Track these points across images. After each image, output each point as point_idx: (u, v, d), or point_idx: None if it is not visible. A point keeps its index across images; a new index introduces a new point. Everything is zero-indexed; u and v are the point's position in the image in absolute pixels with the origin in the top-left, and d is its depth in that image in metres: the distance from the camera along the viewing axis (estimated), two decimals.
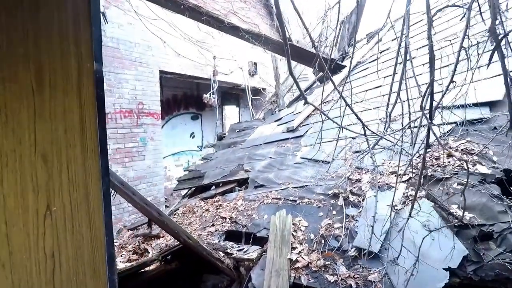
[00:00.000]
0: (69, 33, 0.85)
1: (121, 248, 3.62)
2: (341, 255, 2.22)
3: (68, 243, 0.86)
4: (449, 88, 1.16)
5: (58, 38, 0.83)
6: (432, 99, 1.21)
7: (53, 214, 0.83)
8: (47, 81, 0.81)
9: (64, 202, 0.85)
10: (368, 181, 2.63)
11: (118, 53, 5.77)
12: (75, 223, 0.87)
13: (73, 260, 0.86)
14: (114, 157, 5.66)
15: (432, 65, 1.12)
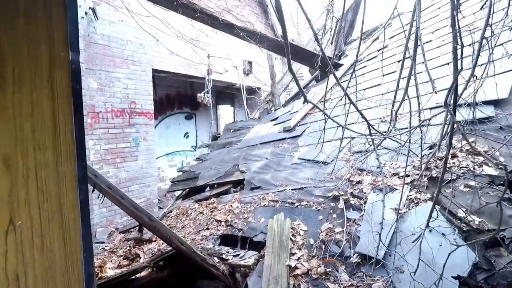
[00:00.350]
0: (37, 15, 0.72)
1: (112, 253, 3.47)
2: (343, 261, 2.11)
3: (37, 262, 0.73)
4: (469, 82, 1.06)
5: (24, 21, 0.69)
6: (457, 94, 1.11)
7: (17, 229, 0.69)
8: (9, 72, 0.68)
9: (31, 215, 0.72)
10: (370, 183, 2.52)
11: (109, 51, 5.59)
12: (45, 239, 0.74)
13: (42, 283, 0.73)
14: (105, 157, 5.48)
15: (456, 56, 1.01)
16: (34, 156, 0.71)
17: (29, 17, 0.70)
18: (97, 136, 5.33)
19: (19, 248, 0.70)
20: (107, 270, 2.71)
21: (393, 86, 3.74)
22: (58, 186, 0.76)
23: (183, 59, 7.23)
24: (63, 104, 0.76)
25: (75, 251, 0.80)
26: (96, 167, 5.27)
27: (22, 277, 0.70)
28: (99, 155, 5.34)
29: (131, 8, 5.88)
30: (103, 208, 5.35)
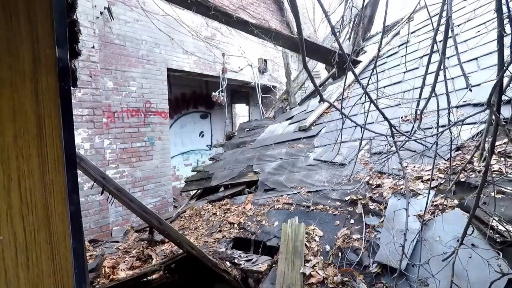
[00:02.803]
0: (19, 7, 0.65)
1: (125, 253, 3.47)
2: (361, 271, 1.98)
3: (21, 281, 0.66)
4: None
5: (2, 14, 0.63)
6: (502, 92, 0.97)
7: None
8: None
9: (14, 229, 0.65)
10: (390, 187, 2.37)
11: (124, 51, 5.63)
12: (30, 255, 0.67)
13: None
14: (121, 157, 5.54)
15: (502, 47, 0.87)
16: (17, 165, 0.65)
17: (8, 10, 0.63)
18: (113, 136, 5.38)
19: (1, 265, 0.64)
20: (119, 272, 2.69)
21: (415, 83, 3.54)
22: (45, 197, 0.69)
23: (198, 58, 7.21)
24: (50, 107, 0.69)
25: (65, 267, 0.73)
26: (112, 166, 5.33)
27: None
28: (114, 154, 5.40)
29: (146, 7, 5.91)
30: (119, 207, 5.41)
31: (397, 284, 1.56)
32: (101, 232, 4.54)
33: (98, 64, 4.98)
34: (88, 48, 4.65)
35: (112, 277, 2.57)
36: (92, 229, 4.44)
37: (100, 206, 4.46)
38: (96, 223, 4.49)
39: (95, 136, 4.56)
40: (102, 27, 5.34)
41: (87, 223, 4.36)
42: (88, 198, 4.33)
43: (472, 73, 3.07)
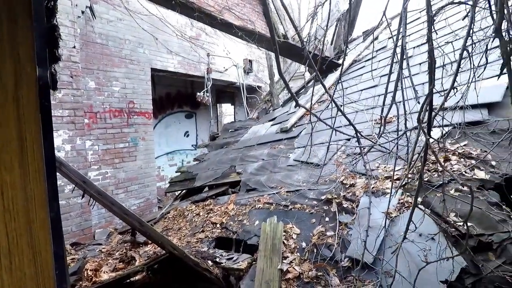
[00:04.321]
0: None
1: (108, 255, 3.49)
2: (334, 265, 2.11)
3: (5, 283, 0.73)
4: (449, 95, 1.04)
5: None
6: (432, 110, 1.09)
7: None
8: None
9: None
10: (362, 186, 2.51)
11: (107, 50, 5.59)
12: (13, 259, 0.74)
13: None
14: (103, 158, 5.50)
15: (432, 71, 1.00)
16: (0, 176, 0.71)
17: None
18: (95, 137, 5.34)
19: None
20: (102, 274, 2.72)
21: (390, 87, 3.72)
22: (27, 205, 0.76)
23: (183, 58, 7.22)
24: (31, 123, 0.75)
25: (47, 270, 0.80)
26: (94, 168, 5.30)
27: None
28: (97, 155, 5.36)
29: (130, 6, 5.86)
30: (102, 209, 5.37)
31: (359, 276, 1.69)
32: (83, 235, 4.52)
33: (79, 64, 4.93)
34: (69, 48, 4.60)
35: (94, 280, 2.60)
36: (74, 232, 4.41)
37: (82, 209, 4.43)
38: (78, 225, 4.46)
39: (76, 137, 4.52)
40: (83, 26, 5.28)
41: (69, 226, 4.33)
42: (70, 200, 4.30)
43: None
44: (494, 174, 2.20)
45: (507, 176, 2.09)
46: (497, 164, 2.26)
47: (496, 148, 2.33)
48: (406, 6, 1.18)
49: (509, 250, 1.75)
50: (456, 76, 0.99)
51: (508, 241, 1.76)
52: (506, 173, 2.16)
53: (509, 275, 1.66)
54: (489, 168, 2.27)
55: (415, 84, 3.14)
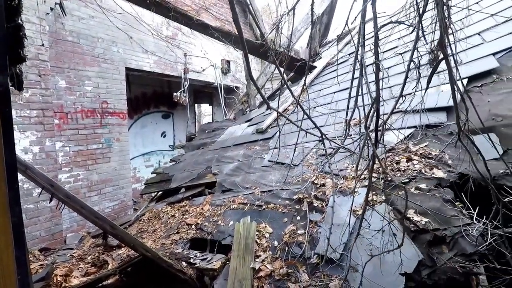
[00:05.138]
0: None
1: (80, 260, 3.41)
2: (304, 262, 2.19)
3: None
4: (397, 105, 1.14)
5: None
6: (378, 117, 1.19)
7: None
8: None
9: None
10: (332, 185, 2.62)
11: (78, 49, 5.42)
12: None
13: None
14: (75, 159, 5.33)
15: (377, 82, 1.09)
16: None
17: None
18: (66, 138, 5.17)
19: None
20: (72, 279, 2.66)
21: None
22: None
23: (159, 57, 7.12)
24: None
25: (8, 275, 0.81)
26: (65, 170, 5.12)
27: None
28: (68, 157, 5.18)
29: (103, 4, 5.71)
30: (73, 213, 5.20)
31: (323, 271, 1.79)
32: (53, 240, 4.36)
33: (48, 63, 4.75)
34: (37, 46, 4.42)
35: (64, 285, 2.54)
36: (43, 237, 4.25)
37: (52, 213, 4.28)
38: (48, 230, 4.30)
39: (45, 138, 4.36)
40: (53, 23, 5.09)
41: (38, 230, 4.17)
42: (38, 204, 4.14)
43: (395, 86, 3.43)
44: (450, 173, 2.38)
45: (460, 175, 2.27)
46: (453, 163, 2.45)
47: (452, 149, 2.52)
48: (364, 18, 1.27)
49: (460, 243, 1.90)
50: (404, 85, 1.09)
51: (459, 235, 1.91)
52: (460, 172, 2.34)
53: (460, 265, 1.81)
54: (446, 167, 2.45)
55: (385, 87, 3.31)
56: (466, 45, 3.58)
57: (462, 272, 1.81)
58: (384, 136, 2.57)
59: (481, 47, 3.44)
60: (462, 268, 1.81)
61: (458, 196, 2.14)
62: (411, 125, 2.82)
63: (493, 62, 3.11)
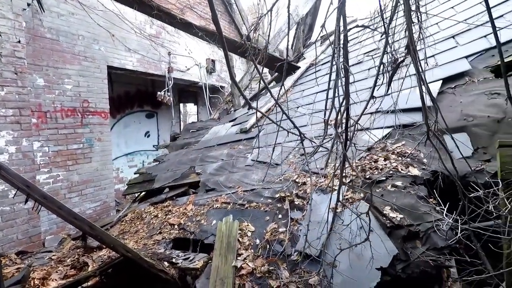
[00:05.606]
0: None
1: (59, 263, 3.32)
2: (285, 259, 2.23)
3: None
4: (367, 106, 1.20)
5: None
6: (348, 118, 1.24)
7: None
8: None
9: None
10: (313, 184, 2.68)
11: (58, 46, 5.27)
12: None
13: None
14: (54, 160, 5.18)
15: (347, 86, 1.14)
16: None
17: None
18: (45, 137, 5.02)
19: None
20: (50, 282, 2.60)
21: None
22: None
23: (142, 56, 7.01)
24: None
25: None
26: (44, 171, 4.98)
27: None
28: (47, 157, 5.04)
29: (84, 1, 5.57)
30: (53, 214, 5.06)
31: (302, 267, 1.84)
32: (31, 243, 4.23)
33: (25, 60, 4.59)
34: (13, 42, 4.27)
35: None
36: (20, 240, 4.12)
37: (29, 215, 4.15)
38: (25, 233, 4.17)
39: (22, 138, 4.22)
40: (30, 19, 4.93)
41: (14, 233, 4.04)
42: (15, 206, 4.01)
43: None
44: (424, 171, 2.48)
45: (433, 172, 2.37)
46: (428, 161, 2.55)
47: (427, 148, 2.62)
48: (339, 27, 1.32)
49: (433, 238, 1.99)
50: (374, 88, 1.15)
51: (432, 230, 2.00)
52: (433, 170, 2.45)
53: (432, 259, 1.90)
54: (421, 165, 2.55)
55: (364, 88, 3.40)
56: (441, 48, 3.73)
57: (434, 265, 1.90)
58: (363, 136, 2.66)
59: (455, 50, 3.59)
60: (434, 261, 1.90)
61: (431, 192, 2.24)
62: (389, 124, 2.91)
63: (466, 64, 3.26)
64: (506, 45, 3.19)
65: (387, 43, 1.11)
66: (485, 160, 2.43)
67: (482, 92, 2.86)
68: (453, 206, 2.06)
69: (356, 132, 1.39)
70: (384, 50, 1.12)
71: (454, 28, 3.89)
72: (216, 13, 1.82)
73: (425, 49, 1.45)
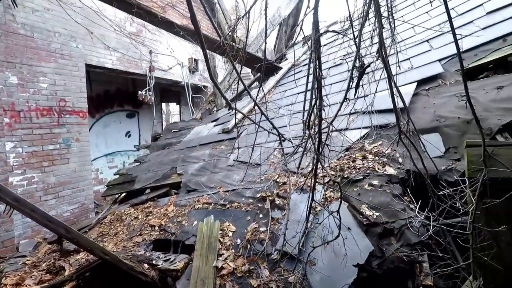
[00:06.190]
0: None
1: (34, 267, 3.21)
2: (265, 259, 2.26)
3: None
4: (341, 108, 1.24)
5: None
6: (321, 119, 1.28)
7: None
8: None
9: None
10: (293, 183, 2.72)
11: (32, 43, 5.07)
12: None
13: None
14: (29, 161, 4.98)
15: (319, 89, 1.18)
16: None
17: None
18: (18, 138, 4.82)
19: None
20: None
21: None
22: None
23: (122, 54, 6.85)
24: None
25: None
26: (17, 172, 4.78)
27: None
28: (21, 158, 4.84)
29: None
30: (27, 217, 4.87)
31: (281, 266, 1.87)
32: (3, 248, 4.07)
33: None
34: None
35: None
36: None
37: (1, 218, 3.98)
38: None
39: None
40: (2, 14, 4.72)
41: None
42: None
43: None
44: (399, 170, 2.57)
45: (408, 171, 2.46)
46: (403, 161, 2.65)
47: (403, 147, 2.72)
48: (317, 36, 1.35)
49: (406, 234, 2.07)
50: (347, 91, 1.19)
51: (405, 227, 2.08)
52: (408, 169, 2.54)
53: (405, 255, 1.98)
54: (396, 165, 2.64)
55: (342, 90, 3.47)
56: (416, 51, 3.88)
57: (407, 261, 1.98)
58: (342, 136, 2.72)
59: (429, 53, 3.74)
60: (407, 257, 1.98)
61: (406, 191, 2.33)
62: (367, 125, 3.00)
63: (439, 67, 3.41)
64: (476, 49, 3.36)
65: (359, 48, 1.15)
66: (456, 159, 2.54)
67: (454, 94, 3.00)
68: (426, 203, 2.15)
69: (331, 133, 1.44)
70: (356, 55, 1.16)
71: (428, 32, 4.05)
72: (194, 13, 1.82)
73: (397, 54, 1.51)
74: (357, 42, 1.17)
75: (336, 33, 1.40)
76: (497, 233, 1.59)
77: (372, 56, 1.31)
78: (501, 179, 1.49)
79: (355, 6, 1.33)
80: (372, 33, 1.48)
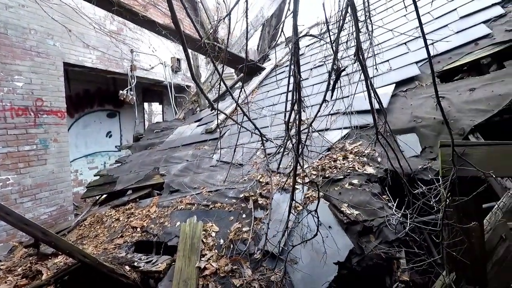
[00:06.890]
0: None
1: (8, 272, 3.08)
2: (248, 258, 2.27)
3: None
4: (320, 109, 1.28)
5: None
6: (300, 121, 1.31)
7: None
8: None
9: None
10: (276, 183, 2.75)
11: (6, 40, 4.86)
12: None
13: None
14: (3, 162, 4.78)
15: (299, 91, 1.21)
16: None
17: None
18: None
19: None
20: None
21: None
22: None
23: (102, 53, 6.68)
24: None
25: None
26: None
27: None
28: None
29: None
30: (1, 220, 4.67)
31: (263, 265, 1.89)
32: None
33: None
34: None
35: None
36: None
37: None
38: None
39: None
40: None
41: None
42: None
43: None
44: (379, 169, 2.65)
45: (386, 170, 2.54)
46: (382, 160, 2.73)
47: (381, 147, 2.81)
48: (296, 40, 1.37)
49: (385, 232, 2.14)
50: (326, 93, 1.22)
51: (384, 225, 2.15)
52: (387, 168, 2.63)
53: (383, 252, 2.05)
54: (376, 164, 2.72)
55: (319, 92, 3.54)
56: (395, 54, 4.01)
57: (385, 258, 2.05)
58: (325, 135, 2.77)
59: (406, 55, 3.87)
60: (385, 254, 2.05)
61: (384, 190, 2.41)
62: (347, 125, 3.07)
63: (416, 69, 3.53)
64: (450, 52, 3.51)
65: (336, 52, 1.19)
66: (431, 159, 2.65)
67: (430, 96, 3.12)
68: (403, 202, 2.23)
69: (311, 134, 1.47)
70: (334, 58, 1.20)
71: (406, 35, 4.19)
72: (175, 13, 1.81)
73: (374, 56, 1.57)
74: (334, 46, 1.21)
75: (319, 31, 1.44)
76: (468, 229, 1.67)
77: (350, 59, 1.36)
78: (470, 177, 1.57)
79: (332, 10, 1.37)
80: (350, 36, 1.53)
